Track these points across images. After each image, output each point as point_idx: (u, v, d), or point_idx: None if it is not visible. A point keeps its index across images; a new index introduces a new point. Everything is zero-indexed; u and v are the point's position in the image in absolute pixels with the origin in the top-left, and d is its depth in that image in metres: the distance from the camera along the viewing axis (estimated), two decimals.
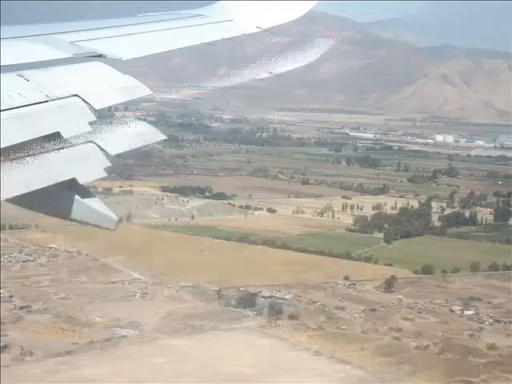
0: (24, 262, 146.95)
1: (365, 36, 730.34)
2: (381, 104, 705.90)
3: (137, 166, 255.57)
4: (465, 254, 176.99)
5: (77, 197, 9.27)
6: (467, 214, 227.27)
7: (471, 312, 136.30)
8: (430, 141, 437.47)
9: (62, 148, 9.70)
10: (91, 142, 10.26)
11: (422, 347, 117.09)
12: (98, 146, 10.23)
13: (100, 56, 12.08)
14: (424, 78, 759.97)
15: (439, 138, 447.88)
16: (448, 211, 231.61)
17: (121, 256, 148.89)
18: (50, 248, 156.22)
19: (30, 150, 8.81)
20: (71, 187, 9.29)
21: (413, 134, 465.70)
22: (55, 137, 9.32)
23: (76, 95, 10.26)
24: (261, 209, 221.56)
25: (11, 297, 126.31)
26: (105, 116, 10.87)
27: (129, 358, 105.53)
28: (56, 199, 9.22)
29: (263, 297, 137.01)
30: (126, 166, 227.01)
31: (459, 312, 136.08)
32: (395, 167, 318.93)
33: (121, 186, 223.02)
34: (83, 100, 10.25)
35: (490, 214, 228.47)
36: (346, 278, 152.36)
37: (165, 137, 12.17)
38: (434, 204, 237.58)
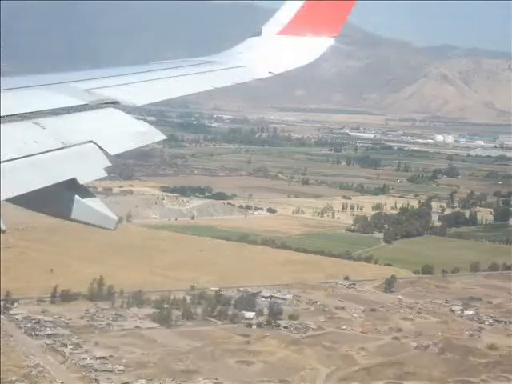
0: None
1: (365, 36, 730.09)
2: (381, 104, 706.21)
3: (137, 166, 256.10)
4: (465, 254, 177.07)
5: (77, 197, 9.27)
6: (467, 214, 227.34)
7: (471, 312, 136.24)
8: (429, 141, 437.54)
9: (62, 148, 9.75)
10: (91, 141, 10.28)
11: (421, 347, 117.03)
12: (98, 146, 10.26)
13: (114, 103, 12.21)
14: (424, 78, 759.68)
15: (439, 138, 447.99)
16: (448, 211, 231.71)
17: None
18: None
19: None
20: (71, 187, 9.30)
21: (413, 134, 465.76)
22: (71, 183, 9.37)
23: (91, 141, 10.36)
24: (261, 209, 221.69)
25: None
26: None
27: None
28: (56, 199, 9.24)
29: (263, 297, 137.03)
30: (125, 166, 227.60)
31: (459, 312, 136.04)
32: (395, 167, 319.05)
33: (121, 186, 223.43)
34: (98, 146, 10.33)
35: (490, 214, 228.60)
36: (346, 278, 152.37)
37: (165, 137, 12.22)
38: (434, 204, 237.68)
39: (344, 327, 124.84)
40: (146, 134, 11.75)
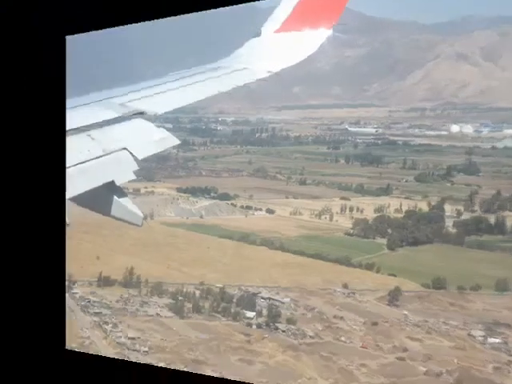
0: None
1: (365, 20, 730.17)
2: (384, 94, 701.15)
3: (157, 169, 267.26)
4: (487, 269, 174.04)
5: (115, 196, 12.50)
6: (491, 219, 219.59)
7: (497, 340, 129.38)
8: (443, 132, 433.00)
9: (104, 155, 13.14)
10: (125, 148, 13.65)
11: (432, 373, 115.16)
12: (130, 152, 13.41)
13: (141, 113, 15.03)
14: (435, 60, 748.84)
15: (455, 128, 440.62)
16: (466, 216, 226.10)
17: None
18: None
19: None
20: (111, 188, 12.46)
21: (421, 126, 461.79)
22: (111, 185, 12.56)
23: (125, 149, 13.43)
24: (260, 209, 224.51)
25: None
26: None
27: None
28: (100, 198, 12.52)
29: (262, 298, 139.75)
30: (149, 169, 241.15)
31: (481, 338, 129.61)
32: (400, 164, 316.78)
33: (146, 187, 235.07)
34: (130, 152, 13.47)
35: None
36: (345, 286, 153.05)
37: (179, 141, 15.35)
38: (447, 207, 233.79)
39: (343, 339, 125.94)
40: (165, 140, 14.70)
